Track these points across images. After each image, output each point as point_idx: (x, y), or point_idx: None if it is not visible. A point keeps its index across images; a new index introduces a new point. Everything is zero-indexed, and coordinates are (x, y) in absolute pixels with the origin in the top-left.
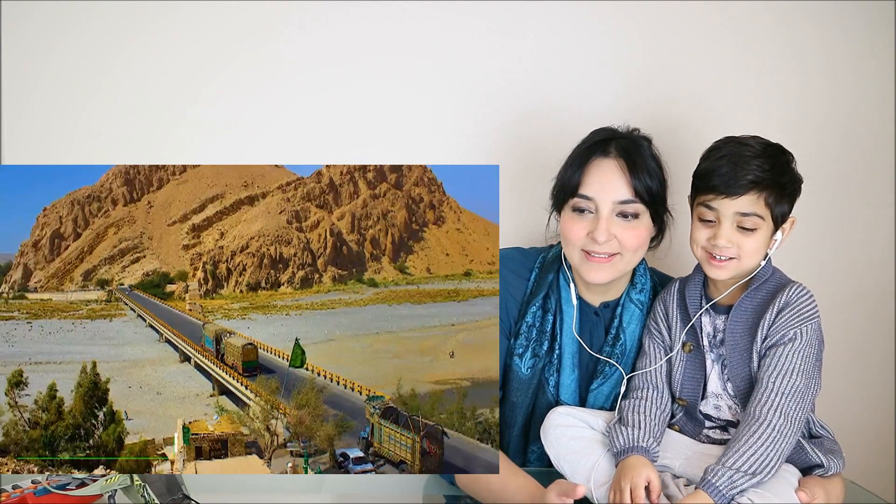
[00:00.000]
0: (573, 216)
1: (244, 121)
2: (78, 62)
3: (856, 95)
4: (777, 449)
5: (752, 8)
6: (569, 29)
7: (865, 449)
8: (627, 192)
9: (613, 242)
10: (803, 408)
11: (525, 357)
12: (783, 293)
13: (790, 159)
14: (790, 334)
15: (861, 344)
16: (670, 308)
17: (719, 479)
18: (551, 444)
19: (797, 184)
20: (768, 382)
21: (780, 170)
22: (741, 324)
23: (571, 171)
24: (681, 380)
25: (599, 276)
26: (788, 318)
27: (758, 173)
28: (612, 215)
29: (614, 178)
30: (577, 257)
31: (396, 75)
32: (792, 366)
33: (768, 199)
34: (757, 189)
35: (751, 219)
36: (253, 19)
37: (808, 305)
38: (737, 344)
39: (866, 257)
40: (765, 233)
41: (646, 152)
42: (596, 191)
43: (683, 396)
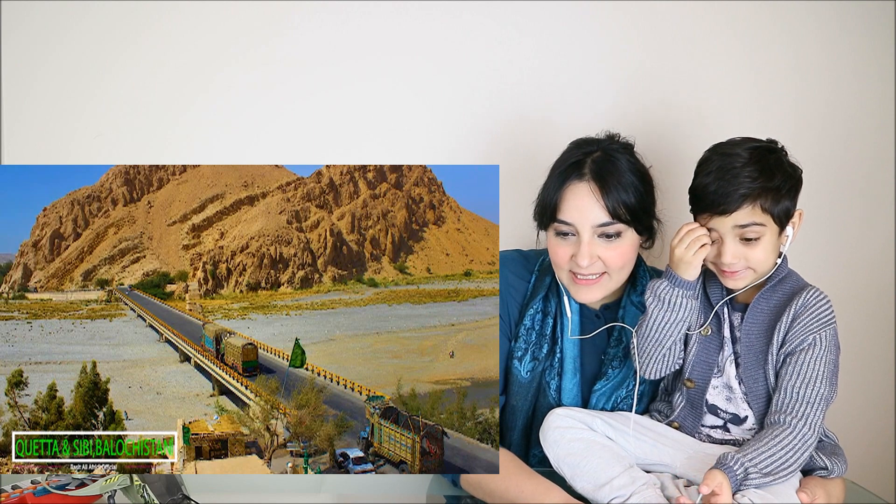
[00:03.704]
0: (557, 240)
1: (244, 121)
2: (78, 62)
3: (856, 95)
4: (797, 455)
5: (752, 8)
6: (568, 29)
7: (865, 449)
8: (604, 215)
9: (598, 264)
10: (823, 414)
11: (524, 360)
12: (799, 297)
13: (781, 156)
14: (809, 340)
15: (861, 344)
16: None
17: (737, 464)
18: (550, 446)
19: (794, 177)
20: (792, 392)
21: (771, 173)
22: (756, 325)
23: (549, 194)
24: (693, 360)
25: (589, 297)
26: (806, 324)
27: (748, 185)
28: (593, 238)
29: (589, 203)
30: (566, 278)
31: (397, 76)
32: (814, 373)
33: (764, 206)
34: (750, 200)
35: (751, 229)
36: (252, 19)
37: (825, 310)
38: (752, 345)
39: (866, 257)
40: (770, 238)
41: (622, 167)
42: (574, 217)
43: (693, 378)
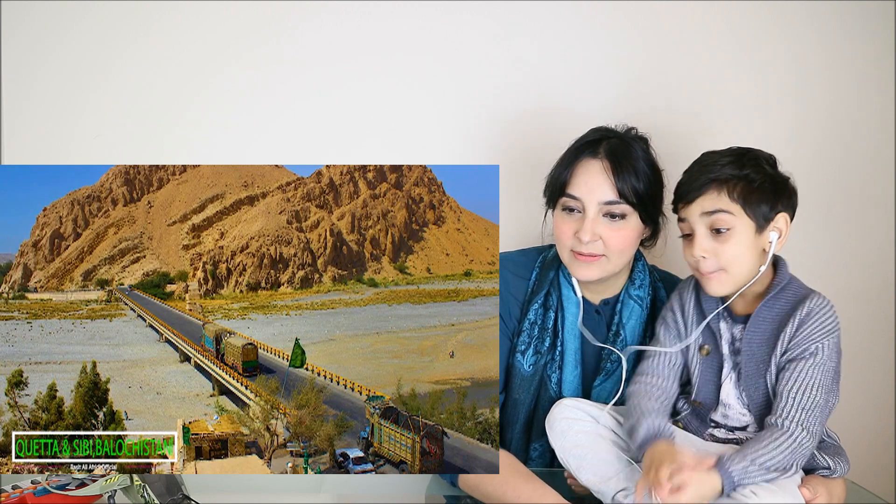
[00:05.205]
0: (562, 215)
1: (244, 121)
2: (78, 62)
3: (856, 95)
4: (795, 457)
5: (752, 8)
6: (569, 29)
7: (865, 449)
8: (612, 193)
9: (598, 244)
10: (823, 420)
11: (527, 354)
12: (804, 305)
13: (762, 161)
14: (812, 348)
15: (861, 344)
16: (687, 304)
17: (735, 465)
18: (557, 436)
19: (774, 179)
20: (789, 398)
21: (743, 164)
22: (759, 334)
23: (560, 170)
24: (698, 383)
25: (587, 274)
26: (810, 332)
27: (716, 171)
28: (598, 216)
29: (599, 179)
30: (567, 256)
31: (396, 75)
32: (813, 381)
33: (732, 194)
34: (716, 184)
35: (719, 217)
36: (252, 19)
37: (829, 318)
38: (753, 354)
39: (866, 257)
40: (744, 234)
41: (635, 153)
42: (582, 191)
43: (699, 399)
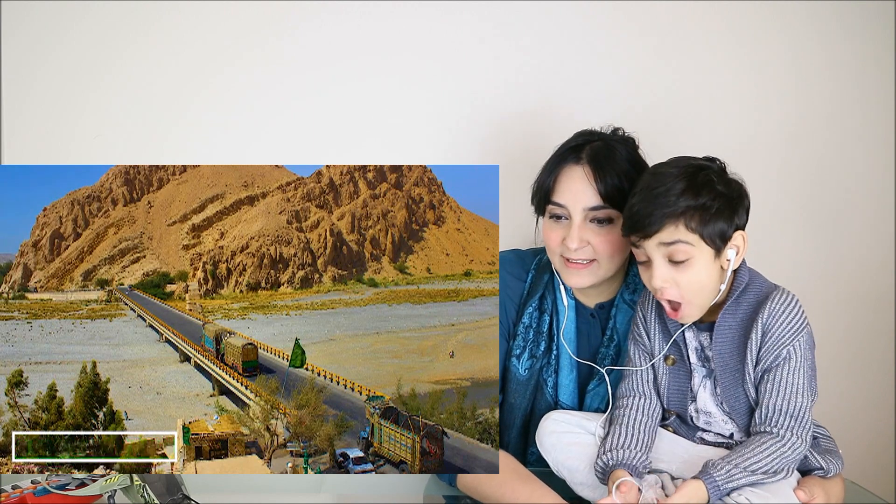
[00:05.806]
0: (550, 223)
1: (244, 121)
2: (78, 62)
3: (856, 95)
4: (786, 462)
5: (752, 8)
6: (568, 29)
7: (865, 449)
8: (596, 199)
9: (588, 249)
10: (809, 419)
11: (523, 358)
12: (764, 307)
13: (712, 174)
14: (784, 353)
15: (861, 344)
16: (648, 316)
17: (718, 471)
18: (548, 451)
19: (728, 197)
20: (774, 409)
21: (696, 192)
22: (726, 344)
23: (544, 176)
24: (667, 392)
25: (578, 281)
26: (778, 336)
27: (672, 203)
28: (584, 222)
29: (582, 185)
30: (558, 263)
31: (396, 75)
32: (794, 387)
33: (689, 225)
34: (672, 219)
35: (677, 247)
36: (252, 19)
37: (794, 316)
38: (726, 365)
39: (866, 257)
40: (703, 261)
41: (619, 155)
42: (567, 198)
43: (671, 408)
